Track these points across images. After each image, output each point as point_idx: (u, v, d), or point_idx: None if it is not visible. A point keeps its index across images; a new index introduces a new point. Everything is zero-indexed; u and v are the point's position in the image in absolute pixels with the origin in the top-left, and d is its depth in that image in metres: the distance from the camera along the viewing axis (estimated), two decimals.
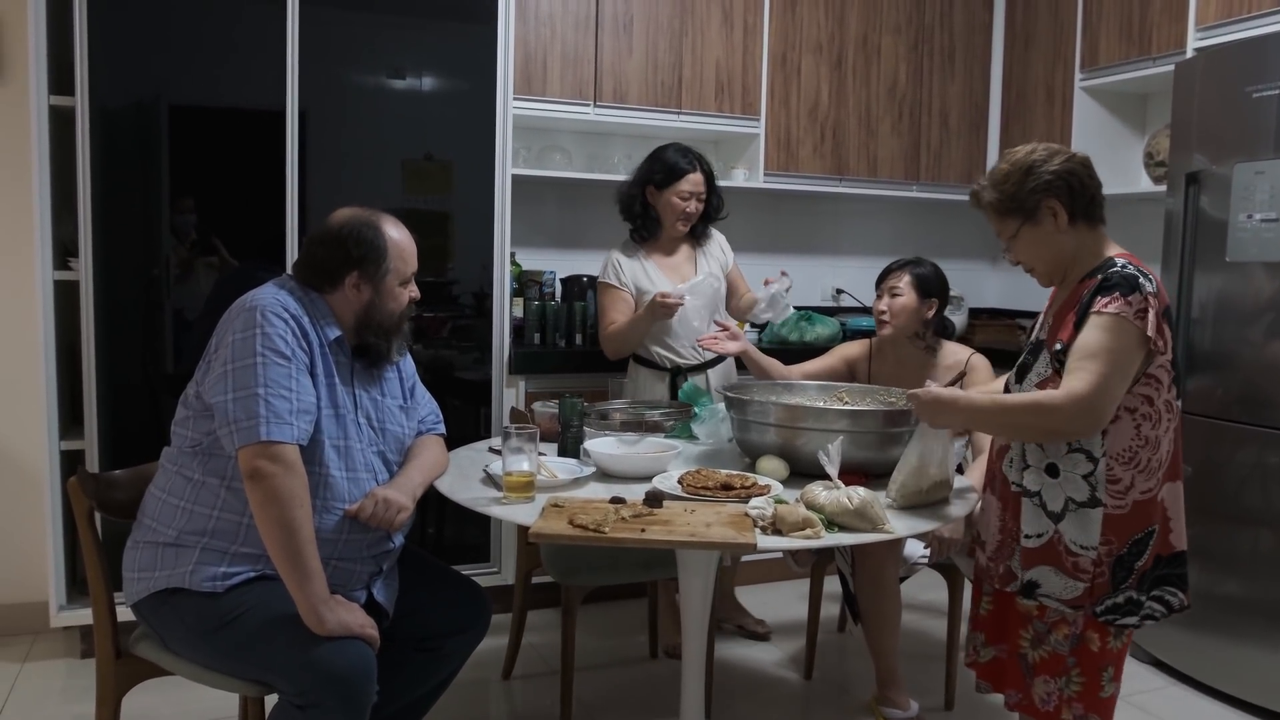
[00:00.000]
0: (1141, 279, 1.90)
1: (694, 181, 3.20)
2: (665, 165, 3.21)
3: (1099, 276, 1.94)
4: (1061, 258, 2.03)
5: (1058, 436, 1.94)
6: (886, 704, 2.81)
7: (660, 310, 3.07)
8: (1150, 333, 1.87)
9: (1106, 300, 1.89)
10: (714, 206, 3.31)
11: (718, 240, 3.43)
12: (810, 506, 1.97)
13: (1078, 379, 1.87)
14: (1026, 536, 2.03)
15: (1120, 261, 1.96)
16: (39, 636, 3.30)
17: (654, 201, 3.24)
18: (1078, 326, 1.92)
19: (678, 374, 3.25)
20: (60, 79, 2.93)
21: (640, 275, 3.26)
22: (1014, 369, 2.13)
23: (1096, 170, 2.06)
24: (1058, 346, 1.96)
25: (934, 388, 2.10)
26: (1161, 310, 1.91)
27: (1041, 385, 1.99)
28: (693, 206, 3.22)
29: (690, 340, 3.21)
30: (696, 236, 3.35)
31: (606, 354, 3.31)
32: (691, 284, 3.17)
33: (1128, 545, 1.94)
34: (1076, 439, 1.93)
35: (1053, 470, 1.99)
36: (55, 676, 3.04)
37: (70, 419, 3.12)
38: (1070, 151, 2.03)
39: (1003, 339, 4.33)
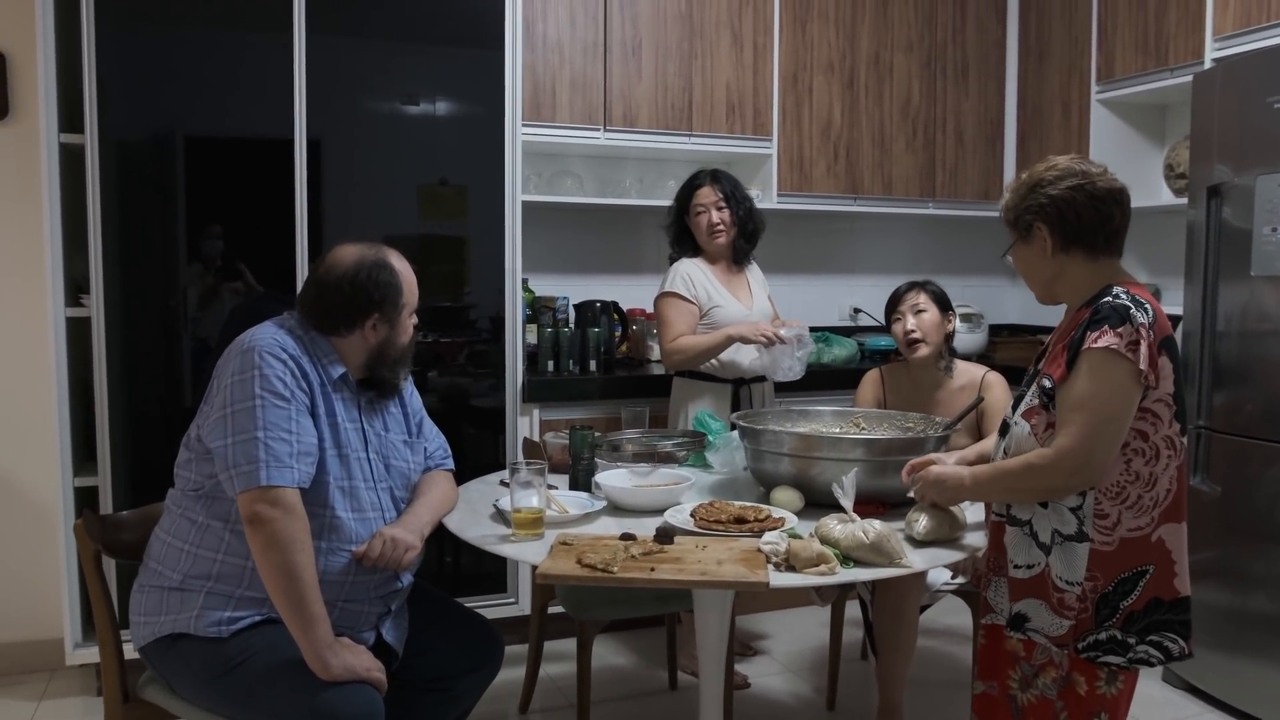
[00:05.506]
0: (1134, 309, 1.81)
1: (704, 194, 3.23)
2: (681, 191, 3.30)
3: (1092, 308, 1.86)
4: (1046, 281, 1.97)
5: (1058, 494, 1.87)
6: None
7: (758, 340, 3.07)
8: (1143, 366, 1.79)
9: (1096, 334, 1.81)
10: (742, 218, 3.28)
11: (757, 269, 3.43)
12: (825, 541, 1.92)
13: (1066, 434, 1.82)
14: (1016, 567, 1.95)
15: (1117, 290, 1.86)
16: (55, 674, 3.29)
17: (691, 228, 3.29)
18: (1070, 365, 1.85)
19: (741, 385, 3.24)
20: (71, 116, 2.94)
21: (711, 289, 3.24)
22: (1014, 398, 2.08)
23: None
24: (1046, 383, 1.89)
25: (935, 469, 2.08)
26: (1159, 341, 1.83)
27: (1027, 415, 1.93)
28: (715, 216, 3.22)
29: (753, 359, 3.20)
30: (739, 258, 3.34)
31: (669, 366, 3.28)
32: (796, 332, 3.10)
33: (1114, 583, 1.86)
34: (1079, 492, 1.86)
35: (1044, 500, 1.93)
36: (71, 715, 3.03)
37: (85, 455, 3.12)
38: (1090, 177, 1.90)
39: (1024, 356, 4.26)
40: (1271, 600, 2.94)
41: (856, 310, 4.49)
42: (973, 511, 2.20)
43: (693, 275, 3.23)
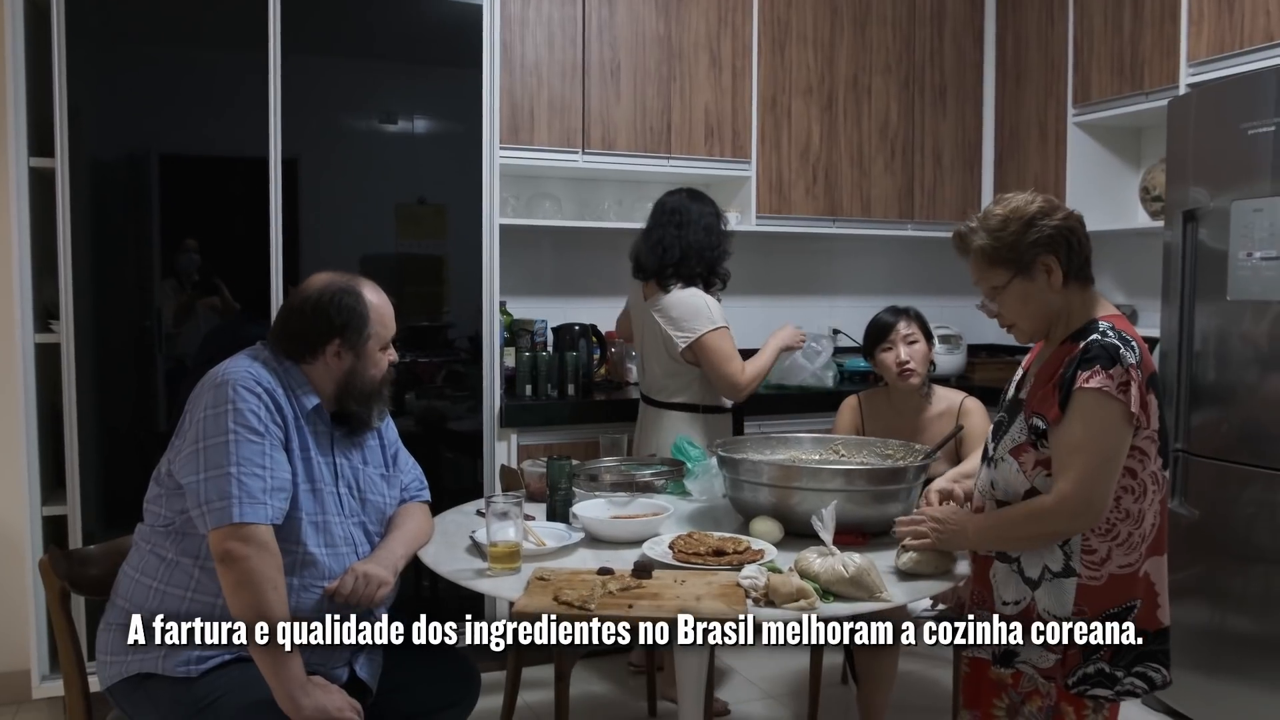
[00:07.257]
0: (1123, 349, 1.82)
1: None
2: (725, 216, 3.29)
3: (1080, 344, 1.86)
4: (1048, 316, 1.95)
5: (1061, 538, 1.88)
6: None
7: (799, 344, 3.24)
8: (1134, 408, 1.80)
9: (1088, 375, 1.82)
10: None
11: None
12: (804, 575, 1.91)
13: (1065, 479, 1.83)
14: (1004, 603, 1.96)
15: (1103, 326, 1.88)
16: (21, 707, 3.22)
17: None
18: (1062, 405, 1.85)
19: (739, 411, 3.25)
20: (41, 140, 2.90)
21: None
22: (992, 425, 2.08)
23: (1094, 206, 1.99)
24: (1037, 421, 1.89)
25: (935, 511, 2.07)
26: (1145, 380, 1.84)
27: (1015, 451, 1.93)
28: None
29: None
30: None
31: (740, 398, 3.14)
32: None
33: (1101, 617, 1.87)
34: (1082, 533, 1.87)
35: None
36: None
37: (55, 483, 3.06)
38: (1068, 209, 1.95)
39: (1003, 377, 4.25)
40: (1249, 621, 2.95)
41: (836, 331, 4.48)
42: None
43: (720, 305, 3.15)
